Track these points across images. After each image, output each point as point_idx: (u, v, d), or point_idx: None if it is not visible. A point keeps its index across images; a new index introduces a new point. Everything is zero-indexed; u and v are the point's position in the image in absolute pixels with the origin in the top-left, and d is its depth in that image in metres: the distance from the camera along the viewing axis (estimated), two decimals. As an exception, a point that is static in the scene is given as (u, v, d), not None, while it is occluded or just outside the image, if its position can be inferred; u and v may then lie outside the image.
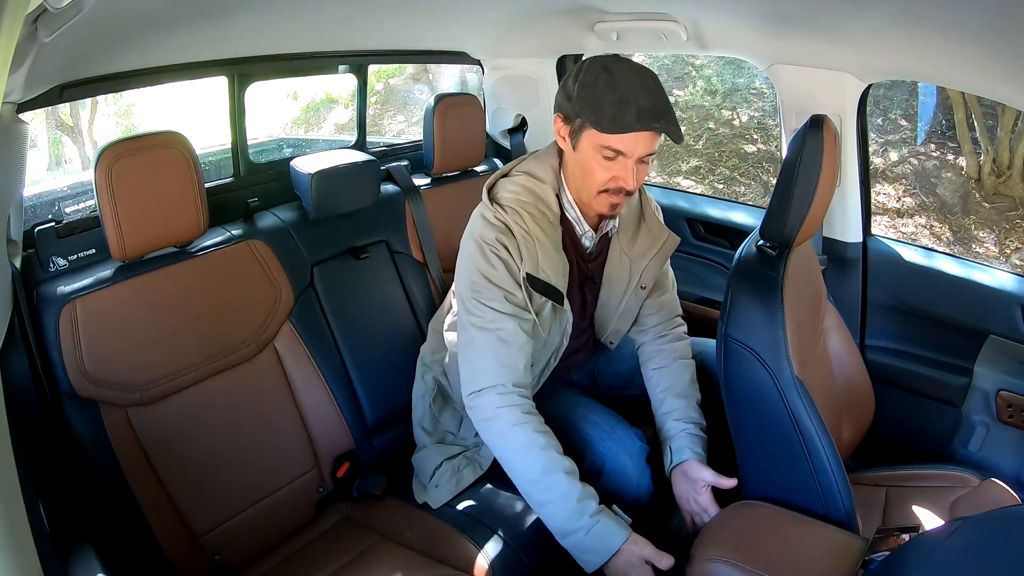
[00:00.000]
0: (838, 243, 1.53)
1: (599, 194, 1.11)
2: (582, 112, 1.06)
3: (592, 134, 1.06)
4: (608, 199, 1.11)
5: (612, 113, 1.02)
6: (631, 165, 1.06)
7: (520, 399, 1.10)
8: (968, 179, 4.32)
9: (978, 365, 1.43)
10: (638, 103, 1.02)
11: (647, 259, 1.25)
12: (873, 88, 1.43)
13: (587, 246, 1.22)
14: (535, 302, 1.14)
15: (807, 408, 1.03)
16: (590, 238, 1.21)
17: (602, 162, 1.07)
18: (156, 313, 1.15)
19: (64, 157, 5.96)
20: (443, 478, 1.27)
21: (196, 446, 1.15)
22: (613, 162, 1.06)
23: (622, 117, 1.02)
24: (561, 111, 1.10)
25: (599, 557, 1.04)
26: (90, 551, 0.88)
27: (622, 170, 1.07)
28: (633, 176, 1.07)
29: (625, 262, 1.25)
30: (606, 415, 1.25)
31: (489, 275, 1.11)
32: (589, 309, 1.29)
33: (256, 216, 1.41)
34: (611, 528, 1.04)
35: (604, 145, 1.05)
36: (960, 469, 1.26)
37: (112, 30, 1.03)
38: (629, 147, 1.05)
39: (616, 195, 1.10)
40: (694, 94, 5.30)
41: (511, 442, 1.09)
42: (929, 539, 0.84)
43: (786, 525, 1.04)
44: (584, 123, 1.06)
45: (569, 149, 1.12)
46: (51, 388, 1.05)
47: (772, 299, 1.06)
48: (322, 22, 1.37)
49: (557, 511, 1.06)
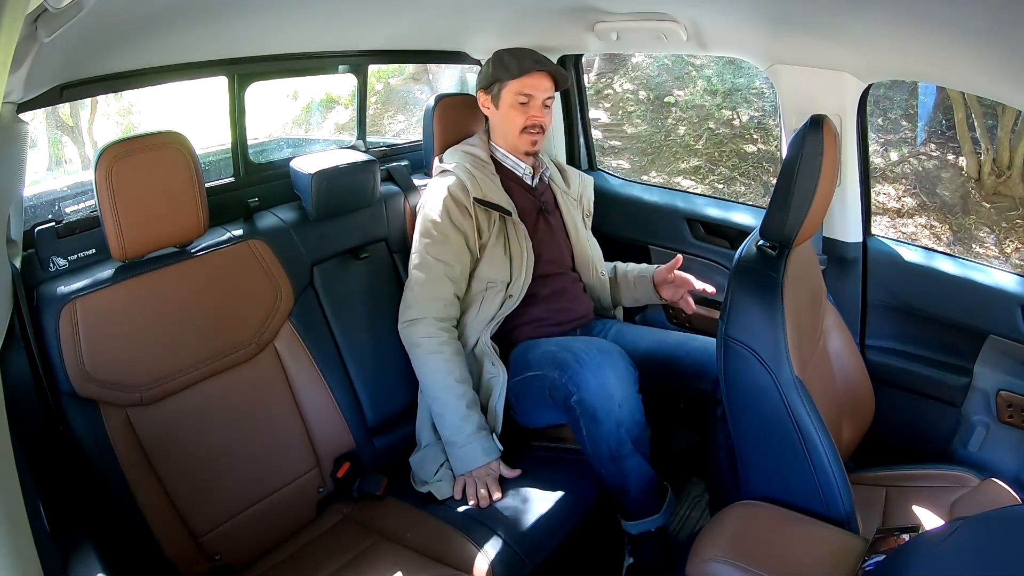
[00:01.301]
0: (838, 243, 1.53)
1: (521, 134, 1.47)
2: (497, 74, 1.45)
3: (507, 88, 1.45)
4: (528, 137, 1.48)
5: (517, 64, 1.43)
6: (539, 105, 1.46)
7: (440, 331, 1.35)
8: (968, 179, 4.32)
9: (978, 365, 1.43)
10: (532, 56, 1.45)
11: (581, 191, 1.65)
12: (873, 88, 1.43)
13: (531, 183, 1.54)
14: (489, 217, 1.42)
15: (807, 408, 1.04)
16: (529, 174, 1.54)
17: (519, 108, 1.45)
18: (156, 313, 1.15)
19: (64, 157, 5.96)
20: (447, 475, 1.31)
21: (196, 446, 1.15)
22: (527, 106, 1.45)
23: (524, 64, 1.43)
24: (482, 86, 1.50)
25: (463, 467, 1.29)
26: (90, 551, 0.88)
27: (534, 109, 1.46)
28: (542, 111, 1.46)
29: (569, 200, 1.61)
30: (598, 341, 1.34)
31: (437, 220, 1.38)
32: (557, 233, 1.54)
33: (256, 216, 1.41)
34: (480, 449, 1.29)
35: (518, 92, 1.44)
36: (960, 469, 1.26)
37: (112, 30, 1.03)
38: (535, 89, 1.44)
39: (533, 132, 1.47)
40: (694, 94, 5.30)
41: (427, 367, 1.34)
42: (929, 539, 0.84)
43: (786, 525, 1.04)
44: (501, 82, 1.45)
45: (493, 111, 1.50)
46: (51, 388, 1.05)
47: (772, 299, 1.06)
48: (322, 22, 1.37)
49: (445, 424, 1.32)
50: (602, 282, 1.60)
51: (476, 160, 1.49)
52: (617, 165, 5.18)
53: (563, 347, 1.30)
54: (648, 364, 1.38)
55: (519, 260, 1.42)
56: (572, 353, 1.26)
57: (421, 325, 1.35)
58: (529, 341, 1.43)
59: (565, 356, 1.26)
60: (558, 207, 1.58)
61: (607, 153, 5.28)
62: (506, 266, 1.41)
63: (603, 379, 1.21)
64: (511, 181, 1.52)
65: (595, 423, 1.21)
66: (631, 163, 5.24)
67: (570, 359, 1.25)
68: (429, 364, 1.33)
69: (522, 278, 1.41)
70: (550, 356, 1.30)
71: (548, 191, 1.59)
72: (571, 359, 1.24)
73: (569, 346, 1.30)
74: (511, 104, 1.45)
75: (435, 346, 1.33)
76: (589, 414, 1.21)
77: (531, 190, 1.54)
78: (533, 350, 1.38)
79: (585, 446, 1.25)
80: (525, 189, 1.53)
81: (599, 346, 1.29)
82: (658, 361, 1.41)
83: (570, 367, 1.23)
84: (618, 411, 1.21)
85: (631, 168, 5.18)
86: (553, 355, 1.29)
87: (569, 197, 1.62)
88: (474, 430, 1.29)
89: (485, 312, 1.40)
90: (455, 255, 1.38)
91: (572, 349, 1.28)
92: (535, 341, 1.42)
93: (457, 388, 1.31)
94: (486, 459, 1.28)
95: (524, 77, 1.42)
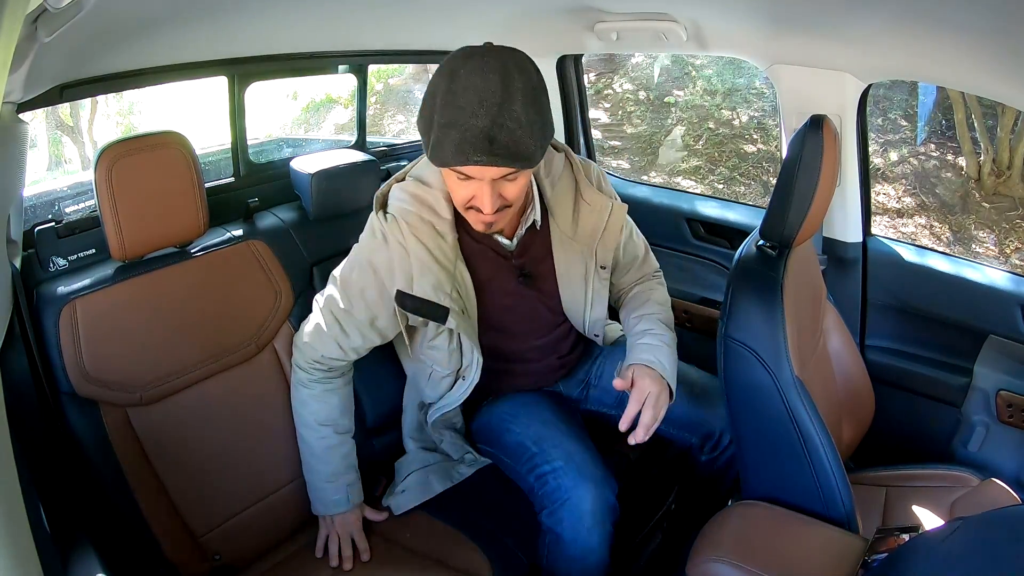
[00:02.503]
0: (838, 243, 1.53)
1: (467, 211, 1.01)
2: (427, 132, 0.94)
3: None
4: (480, 217, 1.00)
5: (437, 139, 0.90)
6: (486, 188, 0.95)
7: (327, 381, 1.18)
8: (968, 179, 4.32)
9: (978, 365, 1.43)
10: (468, 126, 0.88)
11: (597, 238, 1.15)
12: (873, 88, 1.43)
13: (507, 245, 1.13)
14: (410, 320, 1.10)
15: (807, 408, 1.04)
16: (501, 235, 1.12)
17: (456, 181, 0.97)
18: (156, 313, 1.14)
19: (64, 157, 5.95)
20: (411, 483, 1.25)
21: (196, 446, 1.15)
22: (468, 182, 0.96)
23: (442, 147, 0.90)
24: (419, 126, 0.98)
25: (319, 507, 1.19)
26: (90, 551, 0.88)
27: (478, 191, 0.96)
28: (491, 199, 0.95)
29: (574, 248, 1.15)
30: (580, 448, 1.13)
31: (348, 283, 1.10)
32: (545, 297, 1.19)
33: (256, 216, 1.41)
34: (332, 492, 1.18)
35: (452, 167, 0.94)
36: (960, 469, 1.26)
37: (112, 30, 1.03)
38: (477, 173, 0.93)
39: (483, 222, 1.01)
40: (694, 94, 5.30)
41: (304, 414, 1.19)
42: (929, 539, 0.84)
43: (786, 525, 1.04)
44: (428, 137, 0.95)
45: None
46: (51, 388, 1.05)
47: (772, 299, 1.06)
48: (322, 22, 1.37)
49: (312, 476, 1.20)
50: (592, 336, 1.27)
51: (424, 212, 1.06)
52: (617, 165, 5.18)
53: (542, 452, 1.13)
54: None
55: (469, 351, 1.14)
56: (551, 468, 1.10)
57: (301, 357, 1.18)
58: (497, 407, 1.26)
59: (542, 468, 1.11)
60: (552, 257, 1.17)
61: (607, 153, 5.28)
62: (454, 356, 1.16)
63: (580, 511, 1.06)
64: (476, 242, 1.12)
65: (559, 544, 1.08)
66: (631, 163, 5.24)
67: (547, 476, 1.10)
68: (295, 395, 1.20)
69: (473, 368, 1.15)
70: (525, 454, 1.15)
71: (541, 239, 1.16)
72: (549, 476, 1.10)
73: (547, 454, 1.12)
74: (448, 173, 0.97)
75: (304, 379, 1.18)
76: (555, 533, 1.09)
77: (502, 252, 1.15)
78: (503, 429, 1.22)
79: (542, 555, 1.13)
80: (496, 252, 1.14)
81: (580, 462, 1.10)
82: None
83: (546, 484, 1.10)
84: (587, 537, 1.07)
85: (631, 168, 5.18)
86: (529, 455, 1.15)
87: (574, 245, 1.16)
88: (327, 477, 1.18)
89: (431, 392, 1.23)
90: (356, 330, 1.12)
91: (551, 460, 1.11)
92: (502, 412, 1.25)
93: (318, 431, 1.18)
94: (337, 510, 1.17)
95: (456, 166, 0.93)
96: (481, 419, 1.30)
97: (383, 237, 1.07)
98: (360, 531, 1.19)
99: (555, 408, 1.24)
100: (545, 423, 1.20)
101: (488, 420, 1.28)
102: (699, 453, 1.27)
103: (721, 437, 1.25)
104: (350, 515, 1.19)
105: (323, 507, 1.19)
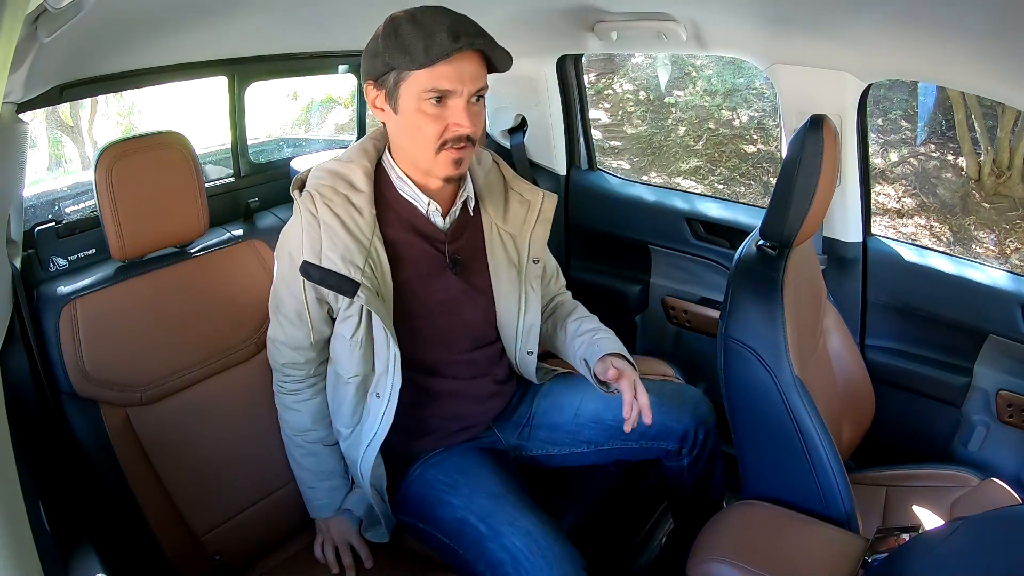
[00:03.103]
0: (838, 243, 1.53)
1: (438, 152, 0.95)
2: (393, 61, 0.91)
3: (411, 81, 0.91)
4: (450, 154, 0.95)
5: (425, 46, 0.88)
6: (463, 105, 0.92)
7: (295, 393, 1.13)
8: (968, 179, 4.32)
9: (978, 365, 1.43)
10: (447, 27, 0.89)
11: (529, 228, 1.11)
12: (873, 88, 1.43)
13: (440, 225, 1.06)
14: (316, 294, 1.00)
15: (807, 408, 1.04)
16: (437, 212, 1.05)
17: (430, 111, 0.93)
18: (156, 313, 1.14)
19: (64, 157, 5.95)
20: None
21: (196, 446, 1.15)
22: (442, 107, 0.93)
23: (436, 44, 0.88)
24: (370, 75, 0.96)
25: (314, 511, 1.17)
26: (90, 551, 0.88)
27: (454, 113, 0.93)
28: (467, 113, 0.92)
29: (506, 239, 1.11)
30: (539, 523, 0.96)
31: (275, 280, 1.07)
32: (482, 296, 1.11)
33: (256, 216, 1.41)
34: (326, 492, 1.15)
35: (428, 88, 0.91)
36: (960, 469, 1.26)
37: (112, 30, 1.03)
38: (455, 81, 0.91)
39: (457, 146, 0.95)
40: (694, 94, 5.30)
41: (282, 422, 1.17)
42: (929, 539, 0.84)
43: (786, 525, 1.04)
44: (399, 73, 0.92)
45: (391, 114, 0.97)
46: (51, 388, 1.05)
47: (772, 299, 1.07)
48: (322, 22, 1.37)
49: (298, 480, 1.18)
50: (526, 361, 1.17)
51: (339, 186, 1.00)
52: (617, 165, 5.18)
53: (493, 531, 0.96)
54: (598, 429, 1.17)
55: (383, 355, 1.01)
56: (508, 554, 0.93)
57: (275, 372, 1.15)
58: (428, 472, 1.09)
59: (497, 555, 0.94)
60: (484, 251, 1.10)
61: (607, 153, 5.28)
62: (359, 351, 1.02)
63: None
64: (402, 222, 1.04)
65: None
66: (631, 163, 5.24)
67: (504, 564, 0.93)
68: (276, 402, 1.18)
69: (389, 376, 1.01)
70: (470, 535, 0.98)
71: (472, 227, 1.10)
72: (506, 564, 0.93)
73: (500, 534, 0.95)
74: (417, 108, 0.93)
75: (276, 389, 1.17)
76: None
77: (434, 236, 1.06)
78: (436, 501, 1.04)
79: None
80: (424, 235, 1.05)
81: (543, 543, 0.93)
82: (611, 424, 1.16)
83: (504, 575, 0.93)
84: None
85: (631, 168, 5.18)
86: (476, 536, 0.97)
87: (506, 236, 1.10)
88: (309, 482, 1.16)
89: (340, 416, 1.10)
90: (291, 325, 1.06)
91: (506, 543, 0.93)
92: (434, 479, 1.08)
93: (292, 438, 1.16)
94: (324, 515, 1.15)
95: (438, 65, 0.90)
96: (407, 489, 1.11)
97: (297, 216, 1.00)
98: (358, 537, 1.15)
99: (499, 472, 1.07)
100: (491, 496, 1.02)
101: (417, 490, 1.09)
102: (679, 458, 1.21)
103: (696, 433, 1.18)
104: (344, 522, 1.15)
105: (312, 510, 1.18)
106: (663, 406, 1.17)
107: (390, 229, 1.03)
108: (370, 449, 1.06)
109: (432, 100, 0.92)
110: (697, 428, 1.18)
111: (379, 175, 1.05)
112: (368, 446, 1.06)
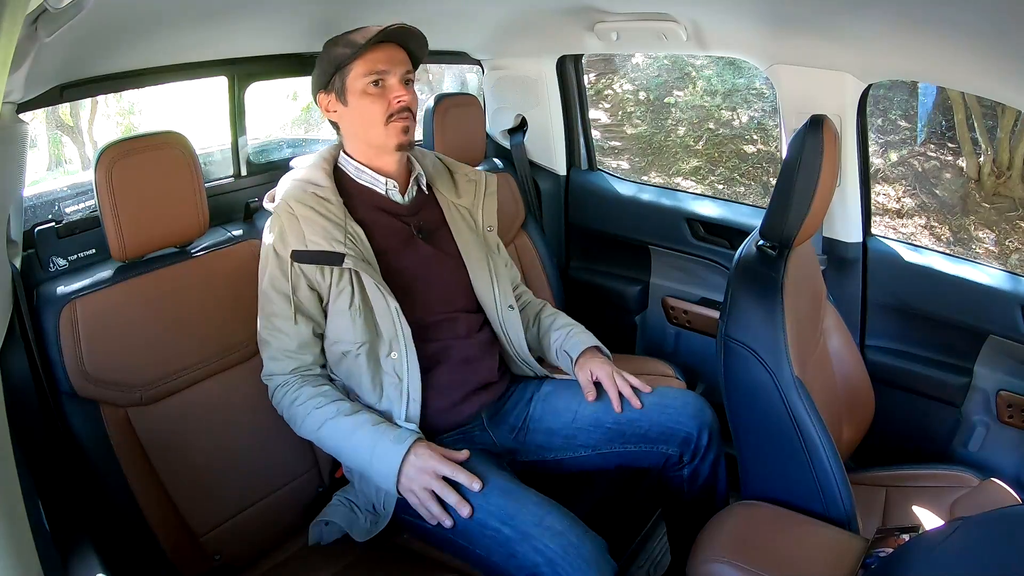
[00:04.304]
0: (838, 243, 1.53)
1: (387, 124, 1.14)
2: (336, 59, 1.13)
3: (353, 73, 1.13)
4: (396, 123, 1.14)
5: (360, 37, 1.12)
6: (397, 83, 1.14)
7: (296, 387, 1.13)
8: (968, 180, 4.32)
9: (978, 365, 1.43)
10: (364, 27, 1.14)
11: (480, 201, 1.30)
12: (873, 88, 1.43)
13: (400, 200, 1.21)
14: (323, 270, 1.10)
15: (807, 408, 1.04)
16: (394, 189, 1.20)
17: (373, 91, 1.13)
18: (156, 313, 1.14)
19: (64, 157, 5.95)
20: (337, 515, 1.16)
21: (196, 446, 1.15)
22: (382, 88, 1.13)
23: (367, 34, 1.11)
24: (320, 86, 1.18)
25: (386, 479, 1.02)
26: (90, 551, 0.88)
27: (393, 90, 1.14)
28: (403, 87, 1.14)
29: (463, 211, 1.28)
30: (566, 521, 0.97)
31: (262, 285, 1.14)
32: (449, 262, 1.21)
33: (256, 216, 1.41)
34: (386, 450, 1.02)
35: (367, 72, 1.12)
36: (960, 469, 1.26)
37: (112, 30, 1.03)
38: (387, 63, 1.13)
39: (402, 116, 1.14)
40: (694, 94, 5.30)
41: (298, 427, 1.13)
42: (929, 539, 0.84)
43: (786, 525, 1.04)
44: (341, 69, 1.13)
45: (343, 110, 1.16)
46: (51, 388, 1.05)
47: (772, 299, 1.07)
48: (322, 22, 1.37)
49: (346, 459, 1.11)
50: (511, 321, 1.24)
51: (307, 187, 1.15)
52: (617, 166, 5.18)
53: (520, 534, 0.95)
54: (597, 432, 1.18)
55: (386, 315, 1.09)
56: (543, 556, 0.92)
57: (272, 386, 1.16)
58: None
59: (531, 558, 0.93)
60: (447, 224, 1.25)
61: (607, 153, 5.29)
62: (360, 318, 1.09)
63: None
64: (367, 205, 1.18)
65: None
66: (631, 163, 5.24)
67: (541, 569, 0.92)
68: (297, 423, 1.13)
69: (398, 331, 1.09)
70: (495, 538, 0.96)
71: (431, 205, 1.25)
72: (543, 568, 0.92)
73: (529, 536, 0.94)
74: (362, 92, 1.13)
75: (289, 403, 1.13)
76: None
77: (398, 211, 1.20)
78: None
79: None
80: (388, 212, 1.19)
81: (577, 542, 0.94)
82: (611, 427, 1.17)
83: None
84: None
85: (631, 168, 5.19)
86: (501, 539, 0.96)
87: (462, 209, 1.27)
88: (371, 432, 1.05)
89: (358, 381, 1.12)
90: (288, 323, 1.11)
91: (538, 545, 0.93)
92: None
93: (332, 425, 1.08)
94: (401, 446, 1.02)
95: (369, 52, 1.11)
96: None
97: (274, 218, 1.15)
98: (445, 462, 1.00)
99: (504, 470, 1.08)
100: (506, 492, 1.00)
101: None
102: (679, 467, 1.17)
103: (699, 438, 1.15)
104: (421, 453, 1.01)
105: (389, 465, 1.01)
106: (665, 409, 1.17)
107: (358, 212, 1.17)
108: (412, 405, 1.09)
109: (372, 82, 1.13)
110: (700, 432, 1.16)
111: (339, 175, 1.20)
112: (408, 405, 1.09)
